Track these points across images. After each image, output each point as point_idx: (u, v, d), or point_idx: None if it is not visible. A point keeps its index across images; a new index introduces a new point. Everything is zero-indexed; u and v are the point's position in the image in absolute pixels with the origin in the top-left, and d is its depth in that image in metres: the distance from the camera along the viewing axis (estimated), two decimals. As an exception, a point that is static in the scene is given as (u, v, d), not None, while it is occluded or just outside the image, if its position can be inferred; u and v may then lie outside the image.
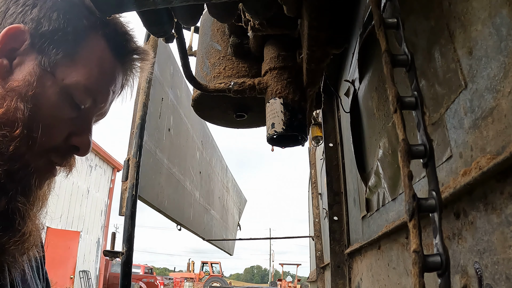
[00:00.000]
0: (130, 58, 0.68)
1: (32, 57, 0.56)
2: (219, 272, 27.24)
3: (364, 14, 1.22)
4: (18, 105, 0.52)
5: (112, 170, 16.27)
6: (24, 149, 0.53)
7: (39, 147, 0.55)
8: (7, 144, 0.51)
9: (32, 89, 0.54)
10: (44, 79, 0.55)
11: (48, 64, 0.56)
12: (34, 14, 0.57)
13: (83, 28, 0.60)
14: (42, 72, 0.55)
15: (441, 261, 0.40)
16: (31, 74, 0.54)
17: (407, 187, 0.44)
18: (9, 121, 0.52)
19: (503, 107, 0.49)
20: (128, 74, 0.70)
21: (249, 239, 8.66)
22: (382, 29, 0.54)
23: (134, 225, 1.82)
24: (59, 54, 0.57)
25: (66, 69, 0.57)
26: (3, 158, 0.51)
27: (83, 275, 13.62)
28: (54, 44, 0.57)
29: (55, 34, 0.57)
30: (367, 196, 1.40)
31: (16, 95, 0.53)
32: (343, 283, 1.98)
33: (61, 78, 0.57)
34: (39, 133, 0.54)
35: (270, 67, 1.29)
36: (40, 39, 0.56)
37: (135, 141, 1.89)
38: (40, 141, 0.54)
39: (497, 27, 0.51)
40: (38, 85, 0.54)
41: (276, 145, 1.31)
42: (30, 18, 0.56)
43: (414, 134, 0.80)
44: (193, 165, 3.22)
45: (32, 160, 0.55)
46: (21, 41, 0.55)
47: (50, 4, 0.58)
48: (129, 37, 0.67)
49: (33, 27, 0.56)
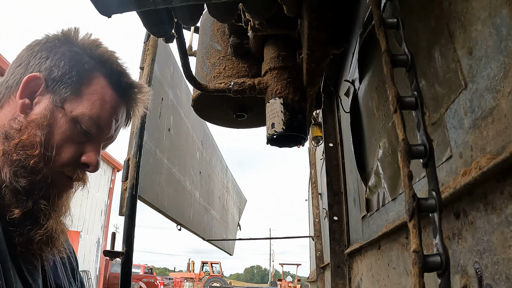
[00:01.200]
0: (129, 91, 0.83)
1: (47, 96, 0.73)
2: (219, 272, 27.24)
3: (364, 14, 1.22)
4: (36, 132, 0.70)
5: (112, 170, 16.26)
6: (42, 164, 0.69)
7: (54, 163, 0.71)
8: (28, 160, 0.68)
9: (47, 120, 0.71)
10: (56, 113, 0.72)
11: (59, 101, 0.73)
12: (47, 64, 0.74)
13: (84, 70, 0.76)
14: (54, 107, 0.73)
15: (441, 261, 0.40)
16: (46, 109, 0.72)
17: (407, 187, 0.44)
18: (31, 144, 0.69)
19: (503, 107, 0.49)
20: (131, 106, 0.85)
21: (249, 239, 8.67)
22: (382, 29, 0.54)
23: (134, 225, 1.82)
24: (67, 93, 0.74)
25: (73, 104, 0.74)
26: (26, 171, 0.68)
27: (83, 275, 13.59)
28: (63, 85, 0.74)
29: (63, 77, 0.74)
30: (367, 196, 1.40)
31: (35, 125, 0.70)
32: (343, 283, 1.98)
33: (70, 111, 0.73)
34: (53, 152, 0.70)
35: (270, 67, 1.28)
36: (52, 82, 0.73)
37: (135, 141, 1.89)
38: (54, 158, 0.71)
39: (497, 27, 0.51)
40: (51, 117, 0.72)
41: (276, 145, 1.31)
42: (44, 67, 0.74)
43: (414, 134, 0.80)
44: (193, 165, 3.22)
45: (49, 174, 0.71)
46: (38, 85, 0.73)
47: (59, 56, 0.75)
48: (124, 74, 0.82)
49: (47, 74, 0.74)
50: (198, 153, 3.40)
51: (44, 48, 0.76)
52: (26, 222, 0.67)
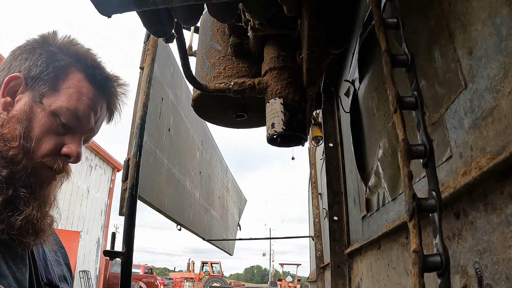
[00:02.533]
0: (105, 84, 0.87)
1: (27, 93, 0.79)
2: (219, 272, 27.23)
3: (364, 14, 1.22)
4: (16, 126, 0.75)
5: (112, 170, 16.25)
6: (21, 155, 0.74)
7: (34, 154, 0.76)
8: (8, 151, 0.73)
9: (26, 115, 0.77)
10: (35, 107, 0.78)
11: (38, 96, 0.78)
12: (27, 65, 0.80)
13: (60, 67, 0.81)
14: (33, 102, 0.78)
15: (441, 261, 0.40)
16: (25, 105, 0.78)
17: (407, 187, 0.44)
18: (11, 137, 0.74)
19: (503, 107, 0.49)
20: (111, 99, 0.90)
21: (249, 239, 8.67)
22: (382, 29, 0.54)
23: (134, 225, 1.82)
24: (45, 88, 0.79)
25: (51, 98, 0.79)
26: (6, 161, 0.73)
27: (83, 275, 13.61)
28: (41, 81, 0.79)
29: (41, 74, 0.80)
30: (367, 196, 1.40)
31: (16, 120, 0.76)
32: (343, 283, 1.98)
33: (49, 105, 0.78)
34: (33, 144, 0.75)
35: (270, 67, 1.28)
36: (31, 80, 0.79)
37: (135, 141, 1.88)
38: (34, 149, 0.76)
39: (497, 27, 0.51)
40: (30, 111, 0.77)
41: (275, 145, 1.31)
42: (24, 67, 0.80)
43: (414, 134, 0.80)
44: (193, 165, 3.21)
45: (30, 164, 0.75)
46: (19, 84, 0.79)
47: (36, 56, 0.81)
48: (99, 67, 0.87)
49: (26, 73, 0.80)
50: (198, 153, 3.40)
51: (24, 50, 0.82)
52: (6, 209, 0.71)
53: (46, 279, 0.80)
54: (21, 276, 0.73)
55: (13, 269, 0.72)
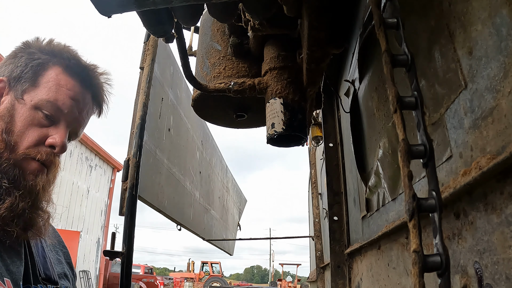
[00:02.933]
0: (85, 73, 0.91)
1: (11, 93, 0.84)
2: (219, 272, 27.23)
3: (364, 14, 1.23)
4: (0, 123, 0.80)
5: (112, 170, 16.25)
6: (3, 149, 0.78)
7: (17, 147, 0.79)
8: None
9: (9, 111, 0.82)
10: (17, 104, 0.83)
11: (20, 94, 0.84)
12: (10, 68, 0.86)
13: (38, 64, 0.86)
14: (15, 100, 0.83)
15: (441, 261, 0.40)
16: (8, 103, 0.83)
17: (407, 187, 0.44)
18: None
19: (503, 107, 0.49)
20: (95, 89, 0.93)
21: (249, 239, 8.66)
22: (382, 29, 0.54)
23: (134, 225, 1.82)
24: (26, 85, 0.84)
25: (32, 93, 0.84)
26: None
27: (83, 275, 13.61)
28: (22, 80, 0.85)
29: (21, 73, 0.85)
30: (367, 196, 1.40)
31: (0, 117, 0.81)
32: (343, 283, 1.98)
33: (30, 100, 0.83)
34: (15, 137, 0.79)
35: (270, 67, 1.28)
36: (13, 81, 0.85)
37: (135, 141, 1.88)
38: (17, 142, 0.79)
39: (497, 27, 0.51)
40: (12, 108, 0.82)
41: (276, 145, 1.31)
42: (7, 70, 0.86)
43: (414, 134, 0.80)
44: (193, 165, 3.21)
45: (13, 157, 0.78)
46: (3, 87, 0.85)
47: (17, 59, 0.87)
48: (76, 58, 0.91)
49: (9, 75, 0.85)
50: (198, 153, 3.40)
51: (9, 57, 0.89)
52: None
53: (44, 275, 0.82)
54: (14, 268, 0.74)
55: (7, 262, 0.73)
